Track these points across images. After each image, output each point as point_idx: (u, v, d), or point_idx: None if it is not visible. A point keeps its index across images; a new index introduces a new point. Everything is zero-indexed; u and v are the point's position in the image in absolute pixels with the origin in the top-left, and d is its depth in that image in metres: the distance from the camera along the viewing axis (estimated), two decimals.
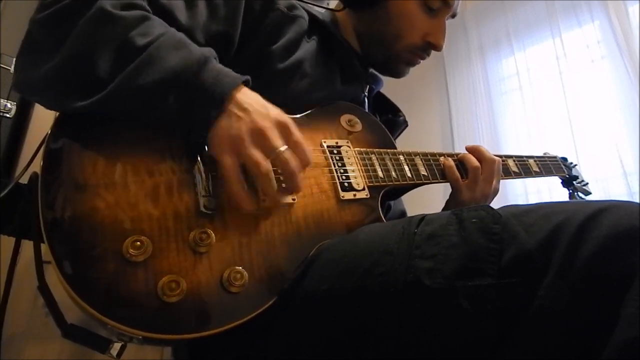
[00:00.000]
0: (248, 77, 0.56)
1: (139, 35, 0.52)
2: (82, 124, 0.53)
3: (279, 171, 0.54)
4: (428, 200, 1.21)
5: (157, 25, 0.55)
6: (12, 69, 1.26)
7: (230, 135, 0.51)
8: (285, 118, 0.55)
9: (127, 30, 0.52)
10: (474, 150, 0.83)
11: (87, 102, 0.50)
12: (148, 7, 0.57)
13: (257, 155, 0.51)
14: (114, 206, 0.49)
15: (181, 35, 0.56)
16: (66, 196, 0.48)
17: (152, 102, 0.51)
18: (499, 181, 0.84)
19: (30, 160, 0.59)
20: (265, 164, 0.51)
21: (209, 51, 0.56)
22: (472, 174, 0.80)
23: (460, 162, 0.82)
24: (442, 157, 0.81)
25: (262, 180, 0.52)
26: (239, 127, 0.51)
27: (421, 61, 0.87)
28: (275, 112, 0.55)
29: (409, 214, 0.97)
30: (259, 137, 0.52)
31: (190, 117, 0.52)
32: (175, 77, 0.51)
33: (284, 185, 0.55)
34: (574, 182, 1.08)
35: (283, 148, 0.53)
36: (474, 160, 0.81)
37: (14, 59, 0.54)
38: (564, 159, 1.09)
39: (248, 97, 0.54)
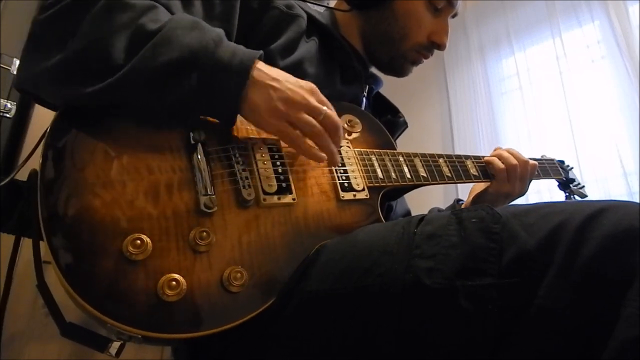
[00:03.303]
0: (262, 52, 0.57)
1: (150, 21, 0.53)
2: (82, 121, 0.53)
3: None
4: (428, 200, 1.21)
5: (165, 13, 0.56)
6: (12, 69, 1.27)
7: (276, 107, 0.55)
8: (311, 84, 0.59)
9: (138, 16, 0.53)
10: (509, 151, 0.90)
11: (99, 86, 0.50)
12: None
13: (308, 118, 0.56)
14: (114, 204, 0.49)
15: (192, 17, 0.57)
16: (65, 194, 0.48)
17: (169, 82, 0.51)
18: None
19: (28, 156, 0.59)
20: (317, 124, 0.57)
21: (221, 31, 0.57)
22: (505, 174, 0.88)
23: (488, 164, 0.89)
24: (441, 159, 0.81)
25: (320, 137, 0.58)
26: (281, 97, 0.55)
27: (423, 60, 0.88)
28: (299, 80, 0.58)
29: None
30: (303, 105, 0.56)
31: (218, 93, 0.53)
32: (192, 55, 0.51)
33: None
34: (571, 185, 1.10)
35: (324, 108, 0.57)
36: (498, 163, 0.87)
37: (15, 59, 0.54)
38: (561, 162, 1.10)
39: (268, 70, 0.56)
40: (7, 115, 1.37)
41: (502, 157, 0.88)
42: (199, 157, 0.55)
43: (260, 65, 0.56)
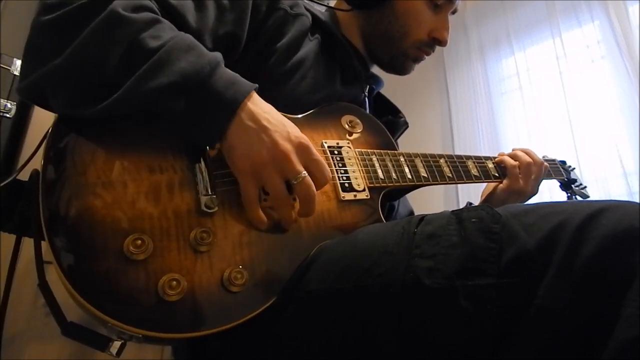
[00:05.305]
0: (257, 85, 0.56)
1: (150, 38, 0.51)
2: (84, 122, 0.52)
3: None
4: (428, 200, 1.21)
5: (167, 29, 0.54)
6: (12, 69, 1.27)
7: (252, 158, 0.53)
8: (304, 139, 0.56)
9: (139, 32, 0.51)
10: (524, 151, 0.93)
11: (98, 107, 0.49)
12: (157, 10, 0.57)
13: (279, 183, 0.53)
14: (115, 204, 0.49)
15: (191, 38, 0.55)
16: (67, 194, 0.48)
17: (161, 105, 0.50)
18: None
19: (30, 156, 0.59)
20: (286, 193, 0.54)
21: (219, 55, 0.55)
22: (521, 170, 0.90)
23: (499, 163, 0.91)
24: (442, 159, 0.81)
25: (283, 207, 0.55)
26: (261, 151, 0.52)
27: (425, 57, 0.88)
28: (293, 131, 0.55)
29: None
30: (282, 162, 0.53)
31: (201, 121, 0.52)
32: (186, 80, 0.50)
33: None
34: (572, 185, 1.10)
35: (304, 174, 0.54)
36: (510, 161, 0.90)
37: (15, 59, 0.53)
38: (563, 162, 1.10)
39: (262, 109, 0.54)
40: (7, 115, 1.37)
41: (517, 155, 0.91)
42: (200, 157, 0.55)
43: (254, 100, 0.54)
